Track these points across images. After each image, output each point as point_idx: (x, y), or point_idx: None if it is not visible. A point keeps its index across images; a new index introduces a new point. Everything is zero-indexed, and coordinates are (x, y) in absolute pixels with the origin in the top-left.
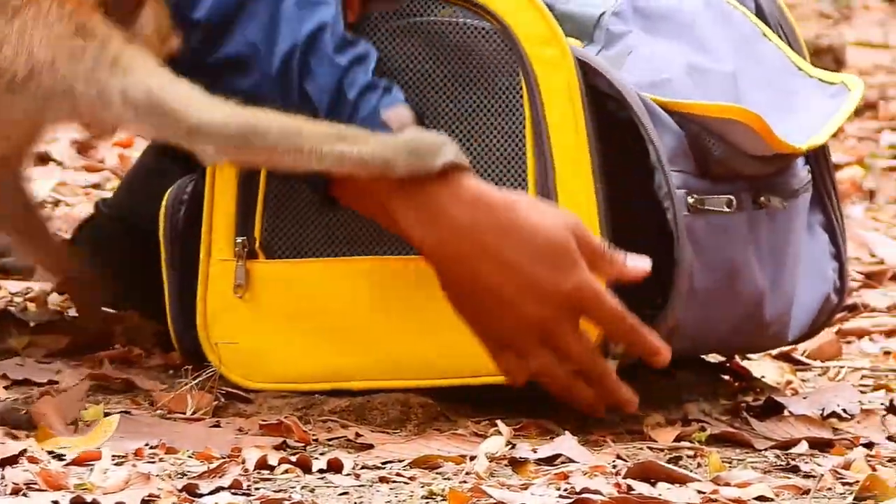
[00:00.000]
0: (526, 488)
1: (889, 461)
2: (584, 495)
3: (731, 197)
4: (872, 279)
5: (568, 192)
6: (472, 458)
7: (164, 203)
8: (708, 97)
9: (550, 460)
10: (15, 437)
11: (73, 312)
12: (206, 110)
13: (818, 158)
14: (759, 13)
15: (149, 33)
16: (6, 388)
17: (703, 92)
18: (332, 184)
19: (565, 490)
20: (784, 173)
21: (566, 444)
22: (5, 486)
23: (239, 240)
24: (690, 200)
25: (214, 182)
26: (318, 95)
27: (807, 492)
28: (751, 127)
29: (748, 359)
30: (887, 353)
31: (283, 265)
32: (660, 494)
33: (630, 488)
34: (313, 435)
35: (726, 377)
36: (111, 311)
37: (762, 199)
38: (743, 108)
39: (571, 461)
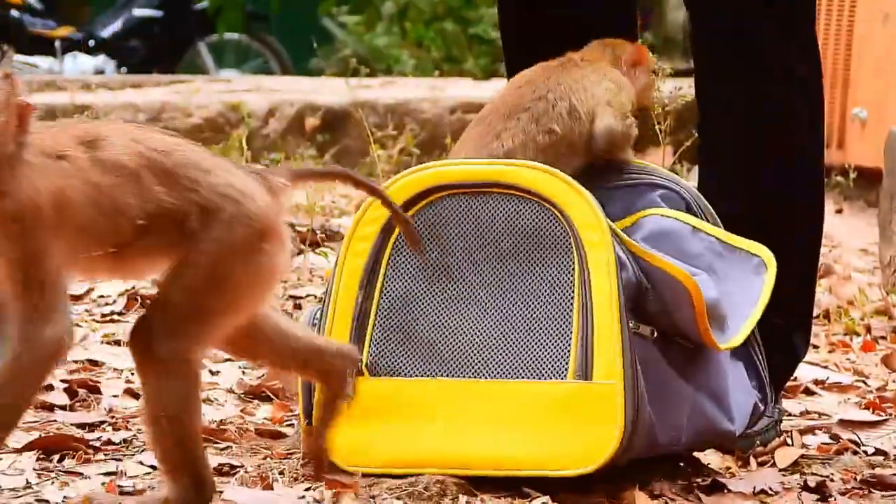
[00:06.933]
0: None
1: None
2: None
3: (653, 328)
4: (789, 392)
5: (603, 349)
6: None
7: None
8: None
9: None
10: None
11: None
12: None
13: None
14: (689, 209)
15: None
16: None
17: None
18: None
19: None
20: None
21: None
22: None
23: None
24: (632, 325)
25: (335, 316)
26: None
27: None
28: (691, 296)
29: (700, 450)
30: (803, 445)
31: (381, 382)
32: None
33: None
34: None
35: (682, 464)
36: None
37: (675, 338)
38: (689, 275)
39: None
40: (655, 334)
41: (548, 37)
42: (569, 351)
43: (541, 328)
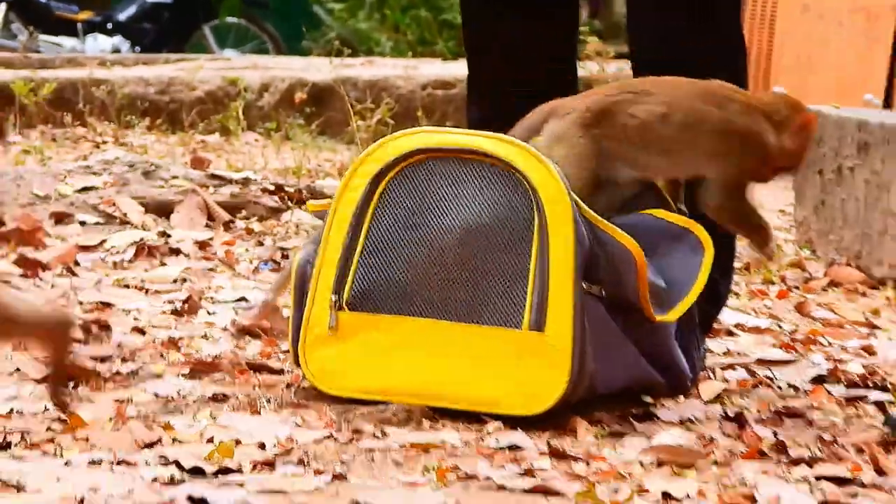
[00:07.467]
0: (490, 467)
1: (723, 447)
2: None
3: (602, 289)
4: (713, 333)
5: (556, 307)
6: (454, 446)
7: (295, 262)
8: None
9: (507, 447)
10: (152, 430)
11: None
12: None
13: None
14: None
15: None
16: (151, 401)
17: None
18: None
19: (519, 465)
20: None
21: (517, 436)
22: (148, 460)
23: (333, 297)
24: (585, 285)
25: (325, 256)
26: None
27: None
28: (636, 263)
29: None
30: (724, 380)
31: (360, 316)
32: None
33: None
34: (348, 427)
35: (618, 396)
36: None
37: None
38: (637, 245)
39: (520, 448)
40: (604, 294)
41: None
42: (524, 304)
43: (501, 281)
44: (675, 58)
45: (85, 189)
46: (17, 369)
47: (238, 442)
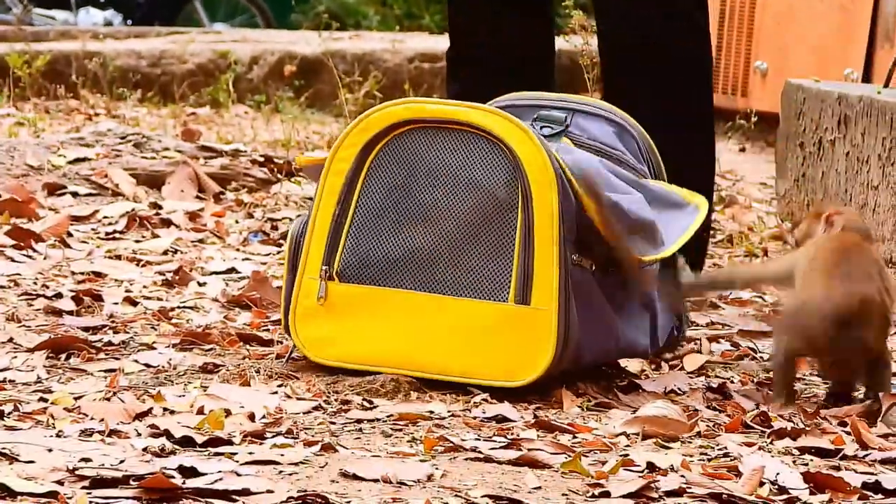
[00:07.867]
0: (477, 438)
1: (707, 419)
2: (515, 438)
3: (593, 262)
4: (696, 305)
5: (541, 278)
6: (441, 417)
7: (290, 231)
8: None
9: (493, 418)
10: (143, 401)
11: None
12: None
13: None
14: (639, 150)
15: None
16: (142, 371)
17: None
18: None
19: (505, 436)
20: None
21: (504, 408)
22: (139, 431)
23: (324, 267)
24: (575, 258)
25: (315, 227)
26: None
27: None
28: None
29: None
30: (709, 352)
31: (350, 288)
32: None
33: (544, 429)
34: (336, 398)
35: (604, 368)
36: None
37: (610, 269)
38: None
39: (507, 419)
40: (594, 268)
41: None
42: (510, 277)
43: (486, 254)
44: (642, 42)
45: (77, 160)
46: (10, 339)
47: (228, 412)
